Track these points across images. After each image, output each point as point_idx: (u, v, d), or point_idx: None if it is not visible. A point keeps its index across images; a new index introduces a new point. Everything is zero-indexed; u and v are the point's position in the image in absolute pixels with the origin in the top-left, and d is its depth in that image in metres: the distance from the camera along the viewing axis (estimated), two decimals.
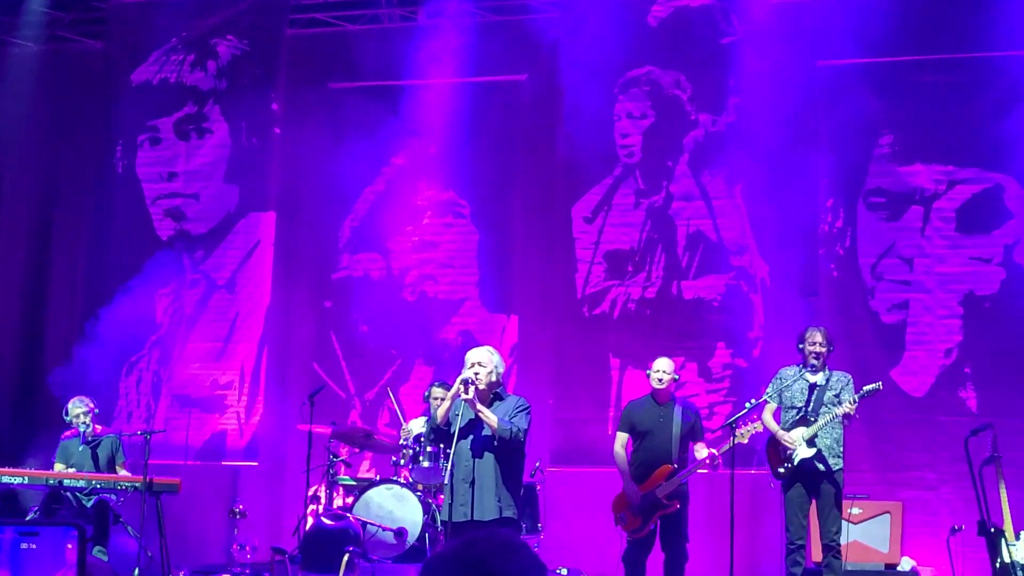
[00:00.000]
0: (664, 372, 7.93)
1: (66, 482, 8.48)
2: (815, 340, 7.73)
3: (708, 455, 7.74)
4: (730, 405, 9.61)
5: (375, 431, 9.65)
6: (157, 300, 10.90)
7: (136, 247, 10.94)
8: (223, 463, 10.61)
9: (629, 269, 10.25)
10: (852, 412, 7.49)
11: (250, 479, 10.47)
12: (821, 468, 7.62)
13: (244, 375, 10.77)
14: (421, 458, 8.40)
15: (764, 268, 9.97)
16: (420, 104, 10.46)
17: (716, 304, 10.03)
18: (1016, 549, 7.17)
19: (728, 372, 9.92)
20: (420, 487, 8.43)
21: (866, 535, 8.76)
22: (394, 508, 8.36)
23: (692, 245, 10.15)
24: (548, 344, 10.29)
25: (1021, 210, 9.61)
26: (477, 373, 6.67)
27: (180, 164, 11.13)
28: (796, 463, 7.62)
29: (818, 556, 7.93)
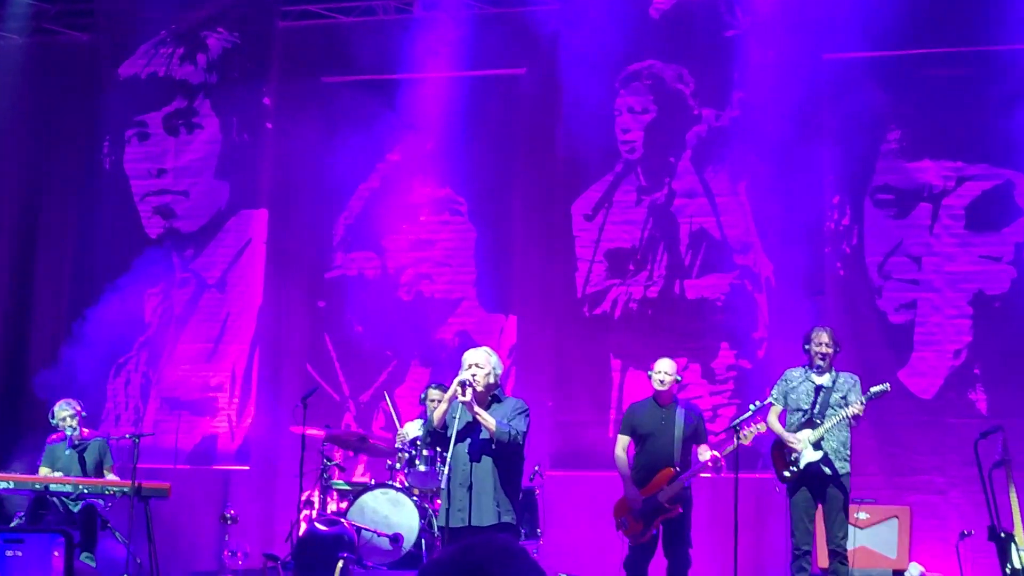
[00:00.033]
0: (666, 373, 7.93)
1: (52, 487, 8.47)
2: (821, 340, 7.73)
3: (710, 457, 7.74)
4: (734, 407, 9.61)
5: (370, 434, 9.65)
6: (146, 300, 10.90)
7: (124, 245, 10.94)
8: (214, 467, 10.61)
9: (631, 268, 10.25)
10: (861, 413, 7.49)
11: (241, 483, 10.46)
12: (827, 472, 7.62)
13: (235, 377, 10.77)
14: (417, 462, 8.39)
15: (769, 267, 9.97)
16: (416, 98, 10.46)
17: (720, 304, 10.03)
18: None
19: (732, 373, 9.92)
20: (416, 491, 8.43)
21: (873, 540, 8.76)
22: (389, 513, 8.36)
23: (695, 243, 10.15)
24: (548, 345, 10.29)
25: None
26: (475, 375, 6.66)
27: (169, 160, 11.13)
28: (802, 466, 7.62)
29: (824, 562, 7.92)
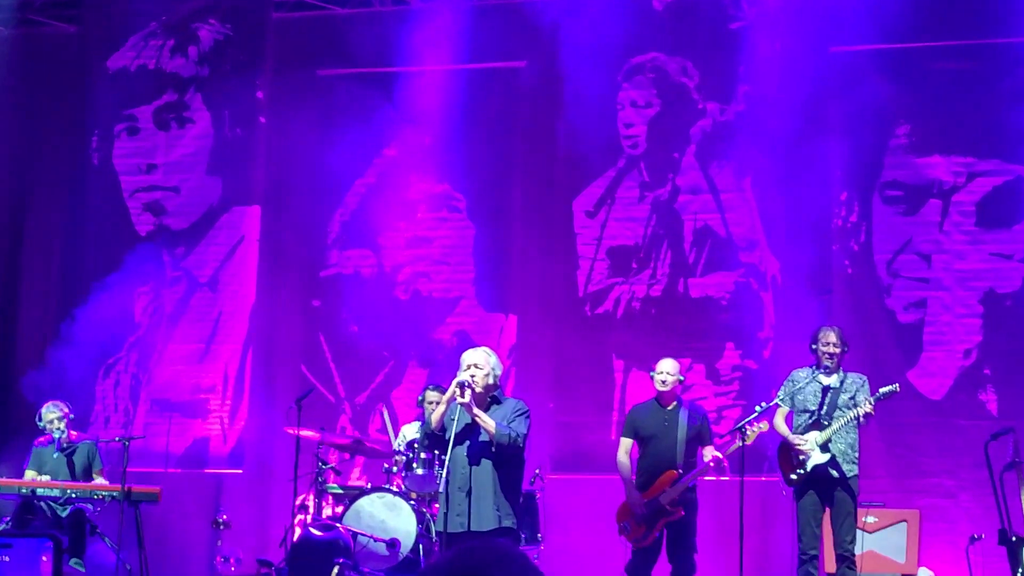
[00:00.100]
0: (668, 373, 7.98)
1: (40, 491, 8.50)
2: (829, 340, 7.77)
3: (712, 458, 7.80)
4: (739, 408, 9.66)
5: (366, 437, 9.69)
6: (136, 299, 10.93)
7: (113, 243, 10.96)
8: (206, 471, 10.64)
9: (633, 266, 10.29)
10: (872, 411, 7.53)
11: (234, 487, 10.50)
12: (835, 474, 7.66)
13: (228, 378, 10.81)
14: (415, 465, 8.43)
15: (775, 265, 10.01)
16: (414, 92, 10.49)
17: (724, 303, 10.07)
18: None
19: (737, 374, 9.97)
20: (414, 496, 8.47)
21: (882, 545, 8.81)
22: (386, 518, 8.40)
23: (699, 241, 10.19)
24: (548, 345, 10.33)
25: None
26: (473, 375, 6.71)
27: (160, 155, 11.16)
28: (809, 469, 7.67)
29: (832, 567, 7.98)
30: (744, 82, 10.09)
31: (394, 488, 8.56)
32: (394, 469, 8.69)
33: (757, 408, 7.75)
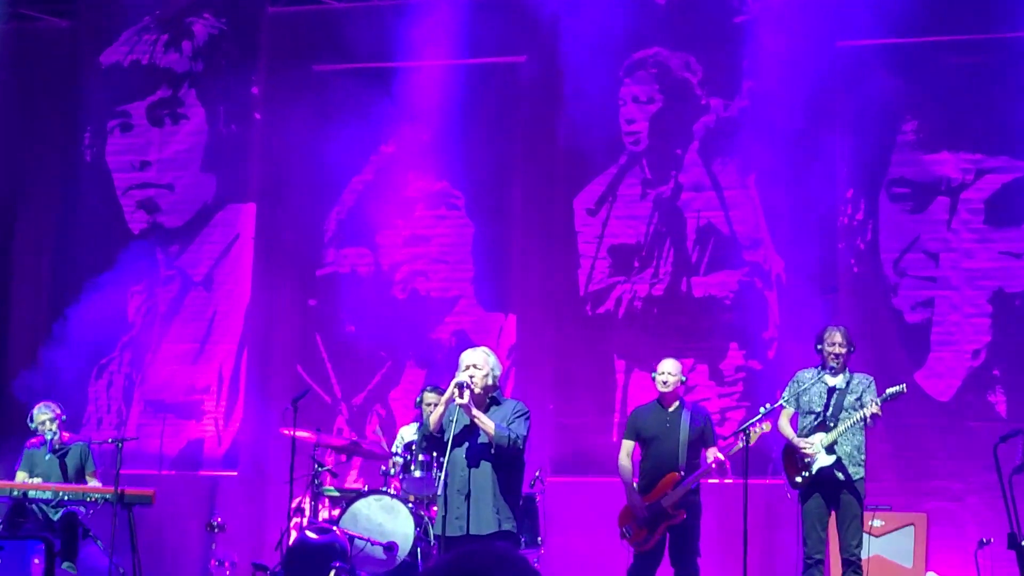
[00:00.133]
0: (669, 374, 7.99)
1: (31, 493, 8.51)
2: (834, 340, 7.77)
3: (713, 459, 7.80)
4: (743, 410, 9.66)
5: (363, 439, 9.70)
6: (129, 298, 10.94)
7: (106, 241, 10.97)
8: (200, 473, 10.65)
9: (635, 265, 10.30)
10: (879, 412, 7.52)
11: (229, 490, 10.51)
12: (841, 477, 7.66)
13: (222, 378, 10.81)
14: (412, 467, 8.44)
15: (779, 263, 10.01)
16: (411, 88, 10.49)
17: (728, 302, 10.08)
18: None
19: (741, 375, 9.97)
20: (411, 498, 8.47)
21: (889, 549, 8.81)
22: (384, 521, 8.40)
23: (702, 239, 10.19)
24: (548, 345, 10.34)
25: None
26: (472, 376, 6.71)
27: (153, 152, 11.16)
28: (814, 472, 7.67)
29: (837, 571, 7.98)
30: (748, 77, 10.09)
31: (392, 491, 8.56)
32: (392, 471, 8.69)
33: (762, 409, 7.75)
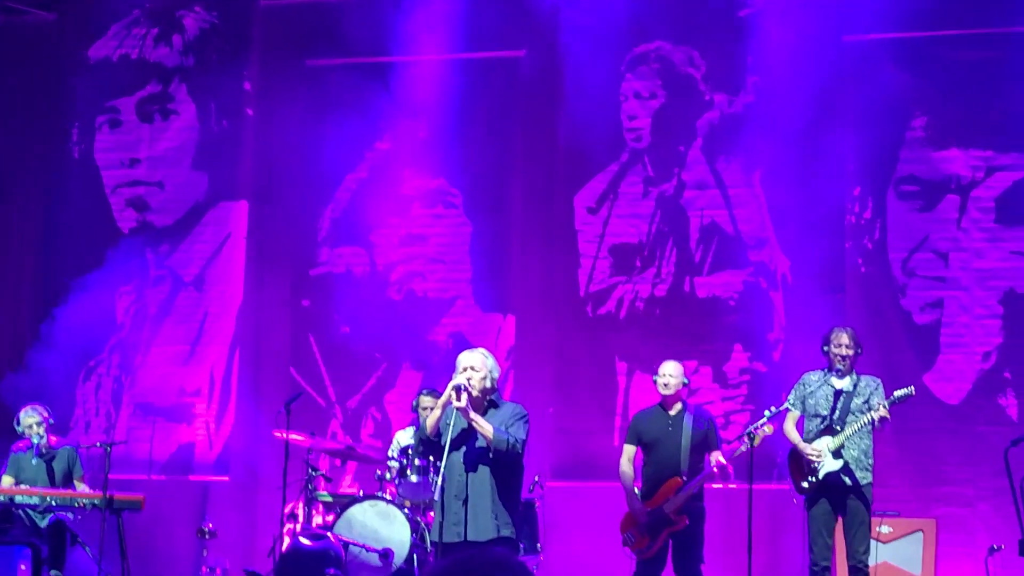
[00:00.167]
0: (670, 376, 7.97)
1: (18, 498, 8.49)
2: (841, 342, 7.77)
3: (715, 463, 7.78)
4: (748, 413, 9.66)
5: (358, 443, 9.68)
6: (118, 299, 10.94)
7: (94, 241, 10.97)
8: (191, 477, 10.65)
9: (637, 264, 10.29)
10: (888, 415, 7.51)
11: (220, 495, 10.51)
12: (848, 482, 7.65)
13: (214, 381, 10.80)
14: (409, 472, 8.43)
15: (785, 263, 10.01)
16: (407, 83, 10.49)
17: (732, 303, 10.07)
18: None
19: (746, 377, 9.96)
20: (408, 504, 8.46)
21: (897, 556, 8.80)
22: (379, 527, 8.39)
23: (706, 238, 10.19)
24: (548, 346, 10.33)
25: None
26: (470, 379, 6.69)
27: (143, 149, 11.16)
28: (821, 477, 7.66)
29: None
30: (753, 72, 10.09)
31: (387, 496, 8.55)
32: (387, 476, 8.68)
33: (767, 412, 7.73)
